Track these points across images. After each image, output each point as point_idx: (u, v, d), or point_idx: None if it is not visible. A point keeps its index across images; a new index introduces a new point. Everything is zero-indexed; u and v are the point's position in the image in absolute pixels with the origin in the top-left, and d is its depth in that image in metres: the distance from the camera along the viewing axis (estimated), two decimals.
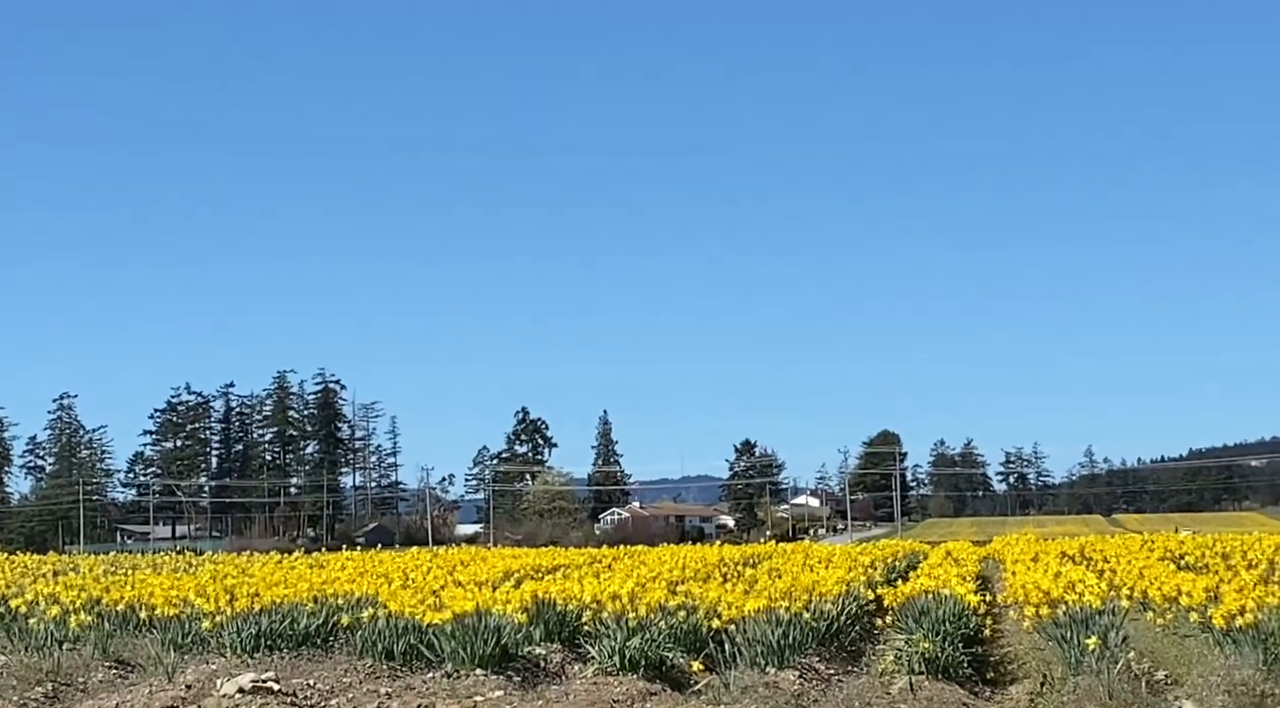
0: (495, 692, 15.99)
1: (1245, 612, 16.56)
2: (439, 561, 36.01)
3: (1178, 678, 16.51)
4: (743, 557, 38.12)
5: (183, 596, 21.21)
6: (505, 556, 43.51)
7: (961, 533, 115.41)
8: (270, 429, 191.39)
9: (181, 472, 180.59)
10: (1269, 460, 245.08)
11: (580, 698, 15.63)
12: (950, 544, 48.26)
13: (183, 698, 15.98)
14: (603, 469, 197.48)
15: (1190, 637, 18.29)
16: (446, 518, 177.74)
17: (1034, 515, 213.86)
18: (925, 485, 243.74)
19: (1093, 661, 15.53)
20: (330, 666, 17.77)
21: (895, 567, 34.52)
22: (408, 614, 18.20)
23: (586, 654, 18.11)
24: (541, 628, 19.34)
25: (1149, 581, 21.88)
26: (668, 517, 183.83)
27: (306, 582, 22.89)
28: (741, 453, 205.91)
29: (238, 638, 18.79)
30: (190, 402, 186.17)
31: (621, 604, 18.47)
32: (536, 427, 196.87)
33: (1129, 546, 41.23)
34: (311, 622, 19.81)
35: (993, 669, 18.49)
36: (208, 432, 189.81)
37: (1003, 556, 41.72)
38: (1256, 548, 35.02)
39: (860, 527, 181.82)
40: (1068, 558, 34.49)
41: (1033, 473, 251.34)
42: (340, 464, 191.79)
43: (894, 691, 15.48)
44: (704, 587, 21.14)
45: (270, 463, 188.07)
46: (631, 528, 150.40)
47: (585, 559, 38.79)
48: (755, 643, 17.25)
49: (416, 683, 16.47)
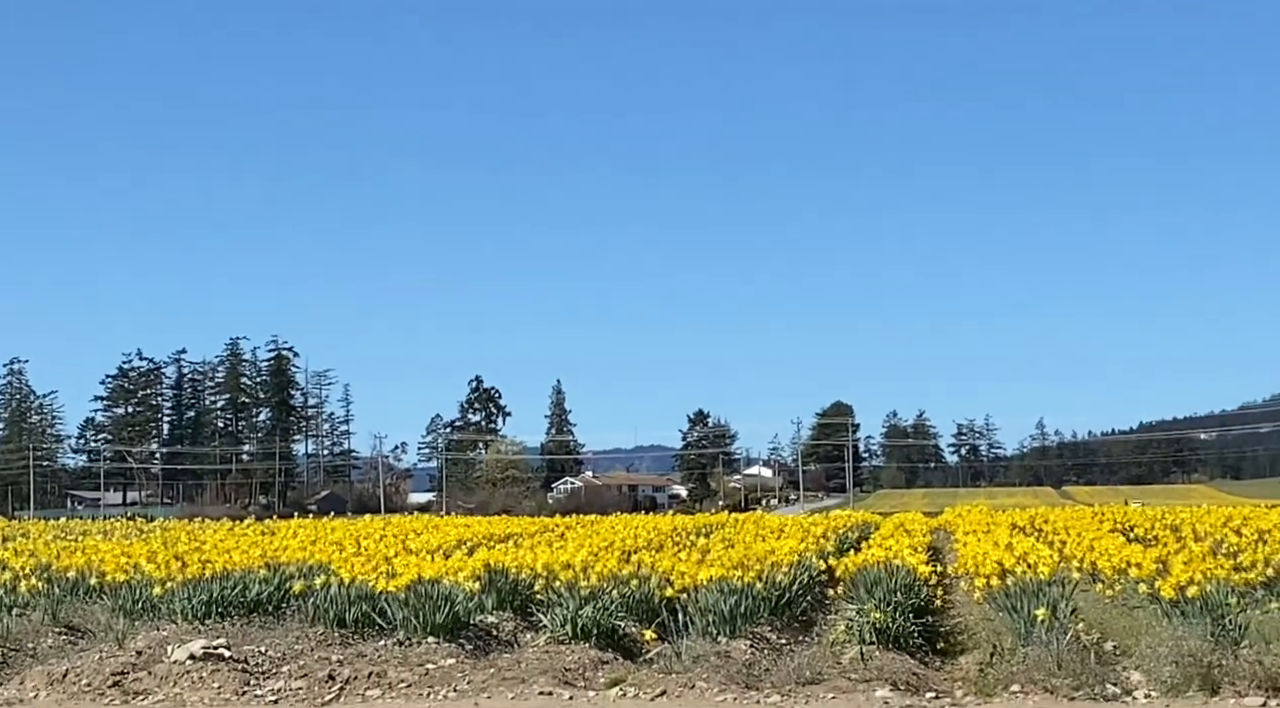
0: (447, 660, 15.99)
1: (1193, 583, 16.69)
2: (391, 528, 35.91)
3: (1126, 649, 16.63)
4: (695, 526, 38.18)
5: (134, 562, 21.11)
6: (458, 524, 43.48)
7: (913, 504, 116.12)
8: (222, 396, 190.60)
9: (133, 438, 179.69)
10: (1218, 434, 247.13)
11: (532, 666, 15.64)
12: (902, 515, 48.47)
13: (133, 664, 15.93)
14: (556, 438, 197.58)
15: (1139, 608, 18.41)
16: (399, 486, 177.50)
17: (985, 487, 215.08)
18: (878, 457, 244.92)
19: (1042, 631, 15.62)
20: (282, 633, 17.73)
21: (847, 537, 34.61)
22: (360, 582, 18.18)
23: (539, 623, 18.12)
24: (494, 597, 19.35)
25: (1099, 552, 22.01)
26: (621, 486, 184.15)
27: (258, 549, 22.82)
28: (695, 423, 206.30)
29: (189, 605, 18.71)
30: (142, 368, 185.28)
31: (574, 573, 18.49)
32: (490, 395, 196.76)
33: (1079, 517, 41.46)
34: (263, 589, 19.75)
35: (943, 640, 18.58)
36: (159, 398, 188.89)
37: (954, 527, 41.89)
38: (1205, 520, 35.26)
39: (813, 498, 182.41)
40: (1018, 530, 34.66)
41: (984, 445, 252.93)
42: (292, 432, 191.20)
43: (845, 660, 15.54)
44: (657, 556, 21.17)
45: (222, 430, 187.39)
46: (584, 497, 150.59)
47: (538, 528, 38.80)
48: (707, 612, 17.29)
49: (368, 651, 16.45)
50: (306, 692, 15.00)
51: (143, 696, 14.96)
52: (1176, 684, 14.15)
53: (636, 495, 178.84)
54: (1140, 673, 15.09)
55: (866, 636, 16.22)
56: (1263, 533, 28.10)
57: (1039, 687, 14.30)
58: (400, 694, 14.83)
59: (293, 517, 46.65)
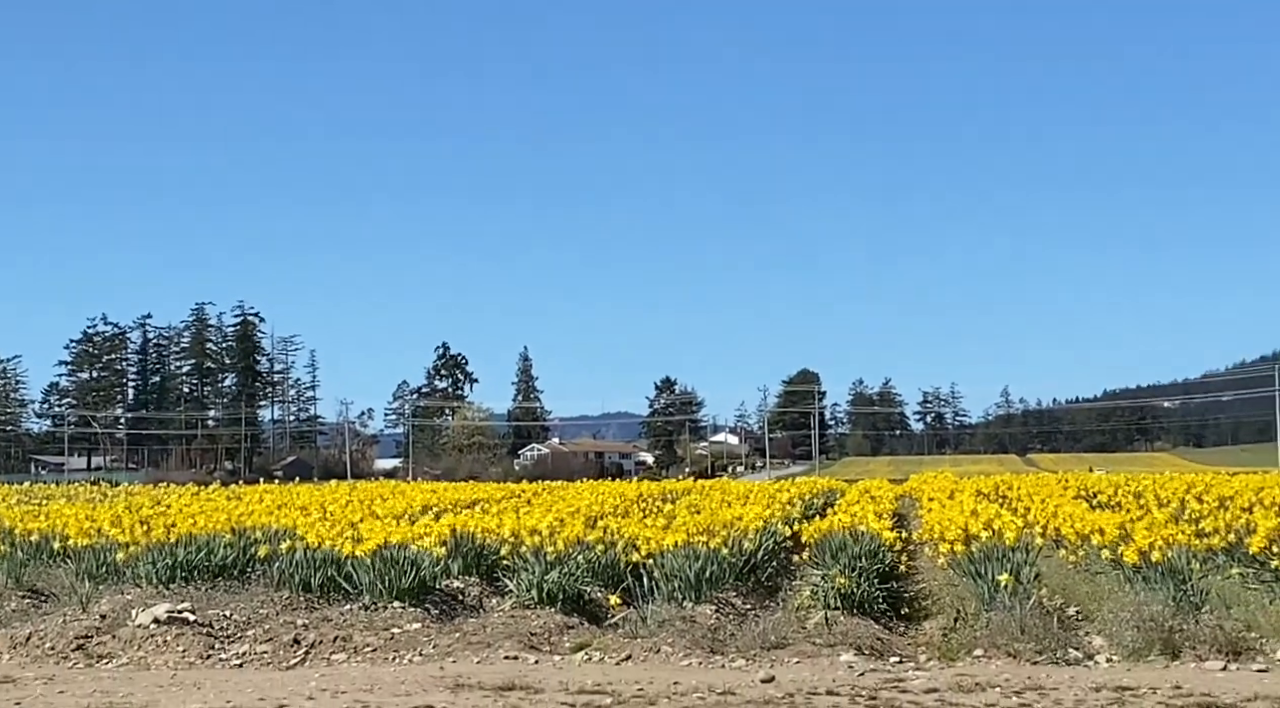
0: (413, 624, 16.01)
1: (1155, 549, 16.79)
2: (358, 494, 35.90)
3: (1089, 614, 16.73)
4: (661, 493, 38.25)
5: (98, 526, 21.05)
6: (424, 490, 43.47)
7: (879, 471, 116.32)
8: (188, 361, 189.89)
9: (97, 403, 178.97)
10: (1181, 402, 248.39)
11: (498, 631, 15.67)
12: (867, 482, 48.61)
13: (97, 628, 15.89)
14: (523, 405, 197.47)
15: (1102, 574, 18.52)
16: (365, 452, 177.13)
17: (950, 454, 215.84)
18: (844, 424, 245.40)
19: (1006, 597, 15.69)
20: (247, 597, 17.70)
21: (813, 504, 34.69)
22: (326, 547, 18.16)
23: (505, 588, 18.15)
24: (460, 562, 19.35)
25: (1062, 518, 22.11)
26: (587, 453, 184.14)
27: (224, 513, 22.76)
28: (661, 390, 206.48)
29: (153, 569, 18.66)
30: (107, 333, 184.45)
31: (540, 539, 18.51)
32: (457, 362, 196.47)
33: (1044, 484, 41.66)
34: (228, 553, 19.71)
35: (908, 605, 18.66)
36: (124, 363, 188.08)
37: (919, 493, 42.05)
38: (1168, 487, 35.47)
39: (779, 465, 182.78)
40: (983, 496, 34.79)
41: (950, 413, 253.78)
42: (258, 397, 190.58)
43: (810, 625, 15.59)
44: (623, 522, 21.21)
45: (187, 396, 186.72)
46: (551, 464, 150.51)
47: (504, 494, 38.82)
48: (673, 578, 17.32)
49: (334, 615, 16.45)
50: (271, 656, 14.99)
51: (107, 659, 14.93)
52: (1138, 649, 14.25)
53: (603, 462, 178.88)
54: (1102, 638, 15.19)
55: (831, 601, 16.27)
56: (1224, 500, 28.29)
57: (1002, 651, 14.38)
58: (365, 658, 14.83)
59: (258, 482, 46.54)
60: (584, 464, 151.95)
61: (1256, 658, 13.94)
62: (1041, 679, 12.74)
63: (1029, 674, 13.10)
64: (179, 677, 13.87)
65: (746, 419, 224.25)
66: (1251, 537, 17.70)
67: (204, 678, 13.72)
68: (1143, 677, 12.91)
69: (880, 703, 11.59)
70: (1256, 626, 15.20)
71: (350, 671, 14.10)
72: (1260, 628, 15.11)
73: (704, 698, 11.89)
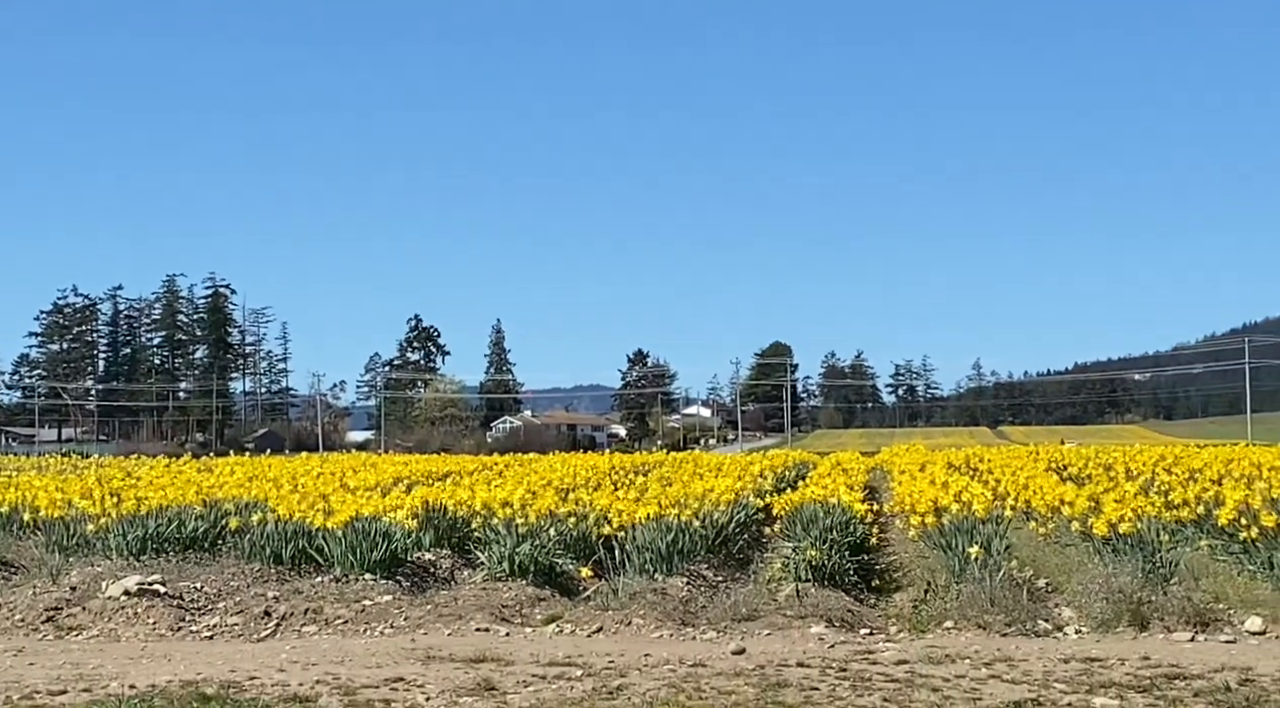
0: (384, 596, 16.00)
1: (1125, 521, 16.87)
2: (329, 466, 35.85)
3: (1058, 585, 16.80)
4: (634, 465, 38.27)
5: (68, 498, 21.00)
6: (396, 462, 43.41)
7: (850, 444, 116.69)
8: (159, 333, 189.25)
9: (68, 375, 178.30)
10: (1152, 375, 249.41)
11: (469, 603, 15.67)
12: (839, 455, 48.66)
13: (67, 600, 15.86)
14: (495, 378, 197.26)
15: (1071, 546, 18.60)
16: (337, 425, 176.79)
17: (922, 427, 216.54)
18: (816, 397, 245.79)
19: (976, 568, 15.76)
20: (218, 569, 17.69)
21: (784, 476, 34.75)
22: (297, 519, 18.14)
23: (476, 560, 18.16)
24: (432, 534, 19.37)
25: (1033, 491, 22.19)
26: (560, 426, 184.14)
27: (194, 486, 22.74)
28: (634, 363, 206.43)
29: (124, 541, 18.63)
30: (77, 304, 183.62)
31: (512, 511, 18.52)
32: (429, 334, 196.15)
33: (1014, 457, 41.80)
34: (199, 525, 19.69)
35: (878, 577, 18.73)
36: (95, 334, 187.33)
37: (890, 466, 42.18)
38: (1138, 459, 35.60)
39: (751, 437, 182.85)
40: (954, 468, 34.90)
41: (921, 385, 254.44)
42: (230, 369, 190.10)
43: (780, 597, 15.62)
44: (595, 494, 21.22)
45: (159, 367, 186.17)
46: (523, 437, 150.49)
47: (476, 466, 38.77)
48: (644, 550, 17.35)
49: (305, 587, 16.44)
50: (242, 628, 14.98)
51: (77, 631, 14.90)
52: (1107, 620, 14.31)
53: (575, 435, 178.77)
54: (1072, 609, 15.27)
55: (802, 573, 16.31)
56: (1193, 472, 28.41)
57: (972, 623, 14.43)
58: (336, 630, 14.82)
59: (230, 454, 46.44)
60: (556, 437, 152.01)
61: (1224, 629, 14.01)
62: (1011, 651, 12.79)
63: (998, 646, 13.15)
64: (149, 649, 13.84)
65: (719, 392, 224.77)
66: (1220, 509, 17.79)
67: (174, 650, 13.70)
68: (1111, 648, 12.97)
69: (850, 675, 11.62)
70: (1224, 597, 15.29)
71: (321, 643, 14.08)
72: (1228, 599, 15.20)
73: (675, 670, 11.91)
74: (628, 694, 10.90)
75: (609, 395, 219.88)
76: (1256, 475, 25.32)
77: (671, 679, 11.46)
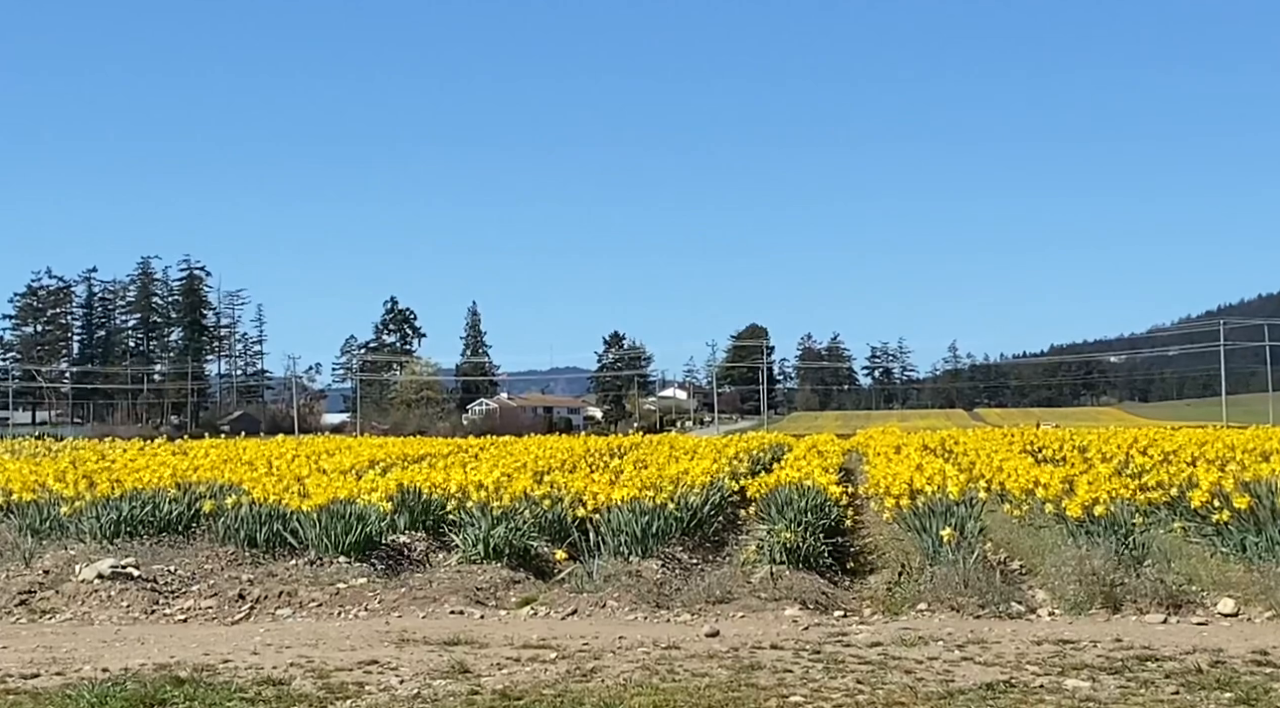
0: (359, 579, 15.99)
1: (1098, 503, 16.92)
2: (305, 449, 35.76)
3: (1032, 568, 16.86)
4: (609, 448, 38.26)
5: (41, 481, 20.94)
6: (372, 444, 43.30)
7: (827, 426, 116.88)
8: (134, 315, 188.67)
9: (42, 357, 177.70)
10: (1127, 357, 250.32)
11: (444, 586, 15.68)
12: (815, 437, 48.73)
13: (40, 583, 15.83)
14: (471, 360, 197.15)
15: (1045, 528, 18.64)
16: (313, 407, 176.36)
17: (898, 409, 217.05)
18: (792, 379, 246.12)
19: (949, 551, 15.80)
20: (192, 552, 17.68)
21: (760, 459, 34.80)
22: (272, 501, 18.11)
23: (451, 543, 18.16)
24: (407, 516, 19.36)
25: (1007, 473, 22.23)
26: (536, 408, 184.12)
27: (169, 468, 22.66)
28: (610, 345, 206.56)
29: (97, 524, 18.59)
30: (51, 286, 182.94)
31: (487, 493, 18.52)
32: (405, 316, 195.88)
33: (989, 439, 41.89)
34: (173, 508, 19.65)
35: (853, 559, 18.77)
36: (69, 317, 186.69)
37: (866, 448, 42.23)
38: (1112, 442, 35.72)
39: (727, 420, 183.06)
40: (929, 451, 34.97)
41: (897, 367, 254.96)
42: (205, 352, 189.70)
43: (755, 579, 15.65)
44: (570, 477, 21.22)
45: (134, 350, 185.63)
46: (499, 419, 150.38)
47: (452, 449, 38.72)
48: (620, 532, 17.36)
49: (279, 570, 16.42)
50: (216, 610, 14.96)
51: (50, 614, 14.87)
52: (1080, 602, 14.37)
53: (552, 417, 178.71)
54: (1045, 591, 15.33)
55: (777, 555, 16.33)
56: (1167, 454, 28.52)
57: (945, 605, 14.47)
58: (311, 614, 14.82)
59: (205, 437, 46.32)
60: (533, 419, 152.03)
61: (1196, 611, 14.08)
62: (984, 633, 12.83)
63: (972, 628, 13.19)
64: (123, 632, 13.82)
65: (695, 374, 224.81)
66: (1194, 491, 17.85)
67: (148, 633, 13.68)
68: (1084, 630, 13.02)
69: (824, 657, 11.64)
70: (1197, 579, 15.37)
71: (295, 625, 14.08)
72: (1201, 581, 15.27)
73: (649, 652, 11.93)
74: (601, 677, 10.91)
75: (585, 378, 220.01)
76: (1230, 458, 25.41)
77: (645, 662, 11.47)
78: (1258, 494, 17.07)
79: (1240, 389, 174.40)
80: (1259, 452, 26.96)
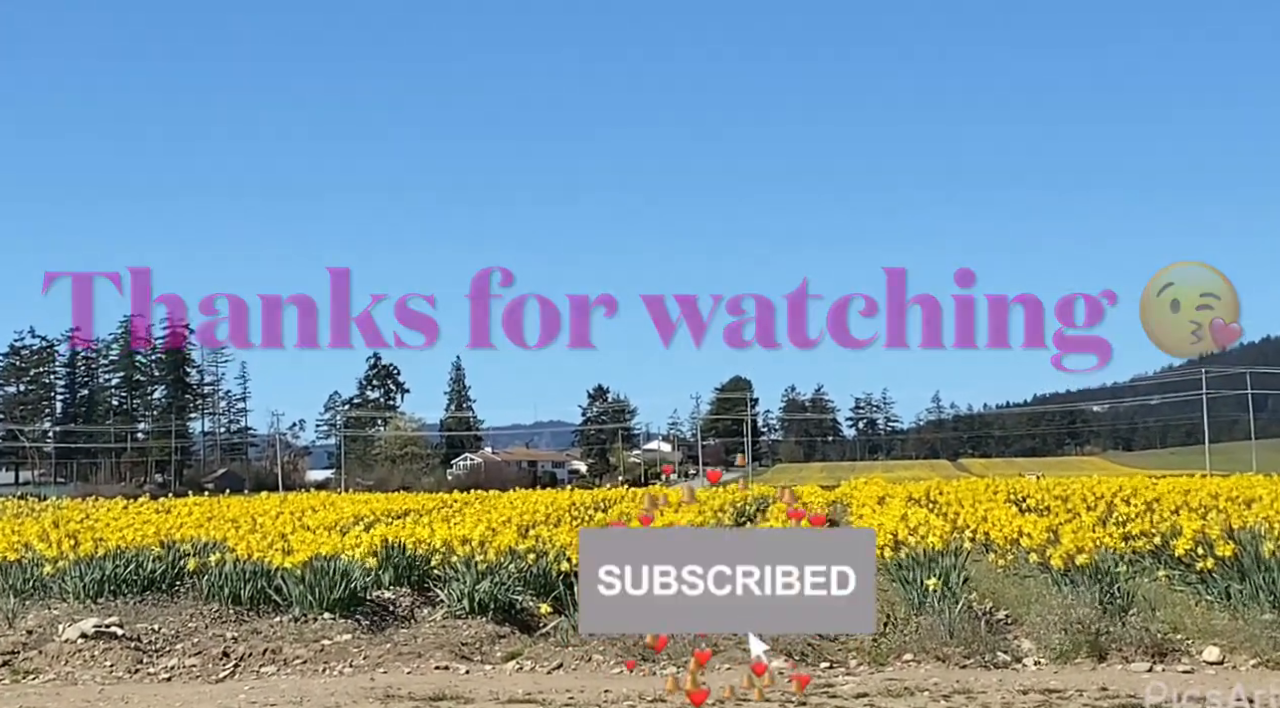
0: (343, 635, 15.97)
1: (1083, 552, 16.96)
2: (289, 506, 35.71)
3: (1017, 617, 16.87)
4: (594, 501, 38.23)
5: (24, 540, 20.87)
6: (356, 501, 43.24)
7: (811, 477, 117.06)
8: (117, 374, 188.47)
9: (25, 417, 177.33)
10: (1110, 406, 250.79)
11: (429, 641, 15.67)
12: (800, 488, 48.75)
13: (23, 644, 15.78)
14: (455, 415, 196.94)
15: (1030, 577, 18.67)
16: (297, 464, 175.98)
17: (883, 460, 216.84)
18: (776, 431, 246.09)
19: (934, 601, 15.81)
20: (176, 610, 17.62)
21: (744, 511, 34.83)
22: (256, 559, 18.09)
23: (436, 598, 18.14)
24: (391, 572, 19.33)
25: (991, 523, 22.27)
26: (520, 462, 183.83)
27: (153, 526, 22.62)
28: (594, 399, 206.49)
29: (81, 583, 18.52)
30: (35, 345, 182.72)
31: (471, 548, 18.52)
32: (388, 372, 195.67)
33: (973, 489, 41.93)
34: (157, 566, 19.59)
35: None
36: (52, 376, 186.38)
37: (851, 499, 42.23)
38: (1096, 491, 35.76)
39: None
40: (914, 501, 34.98)
41: (881, 418, 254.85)
42: (189, 410, 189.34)
43: None
44: (555, 530, 21.21)
45: (117, 408, 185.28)
46: (484, 473, 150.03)
47: (436, 504, 38.67)
48: None
49: (263, 627, 16.39)
50: (200, 669, 14.93)
51: (34, 675, 14.82)
52: (1065, 651, 14.39)
53: (536, 471, 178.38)
54: (1030, 641, 15.34)
55: None
56: (1151, 503, 28.55)
57: (931, 655, 14.48)
58: (295, 671, 14.79)
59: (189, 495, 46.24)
60: (517, 473, 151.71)
61: (1182, 659, 14.12)
62: (970, 683, 12.85)
63: (957, 678, 13.21)
64: (106, 691, 13.79)
65: (679, 427, 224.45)
66: (1178, 539, 17.89)
67: (132, 692, 13.65)
68: (1070, 679, 13.05)
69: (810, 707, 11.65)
70: (1182, 627, 15.39)
71: (280, 683, 14.05)
72: (1186, 630, 15.30)
73: (634, 706, 11.92)
74: None
75: (569, 431, 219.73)
76: (1213, 506, 25.48)
77: None
78: (1241, 541, 17.14)
79: (1223, 437, 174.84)
80: (1242, 499, 27.01)
